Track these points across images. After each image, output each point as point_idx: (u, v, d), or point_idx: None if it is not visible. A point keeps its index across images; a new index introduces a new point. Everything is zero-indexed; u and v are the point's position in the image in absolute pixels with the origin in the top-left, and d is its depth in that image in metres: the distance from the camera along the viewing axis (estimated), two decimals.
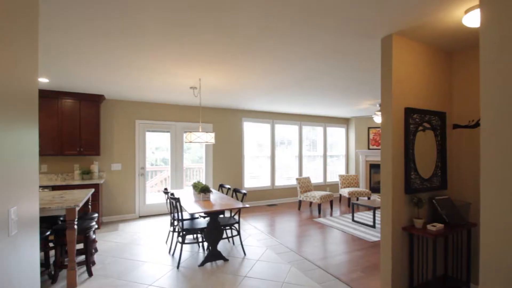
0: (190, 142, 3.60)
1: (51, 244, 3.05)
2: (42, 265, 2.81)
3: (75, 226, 2.68)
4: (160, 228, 4.86)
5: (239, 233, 3.49)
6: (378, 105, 5.89)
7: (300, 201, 6.35)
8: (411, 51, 2.36)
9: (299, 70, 3.46)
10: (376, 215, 4.83)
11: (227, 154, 6.72)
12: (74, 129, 4.93)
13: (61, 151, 4.84)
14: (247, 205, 3.15)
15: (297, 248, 3.78)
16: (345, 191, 6.74)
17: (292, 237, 4.32)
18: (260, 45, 2.68)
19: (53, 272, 2.76)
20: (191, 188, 4.86)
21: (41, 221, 3.20)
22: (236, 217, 4.26)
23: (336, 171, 8.46)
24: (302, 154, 7.79)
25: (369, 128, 8.11)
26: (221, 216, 3.91)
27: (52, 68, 3.45)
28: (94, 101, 5.05)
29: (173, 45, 2.68)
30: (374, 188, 8.04)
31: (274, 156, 7.33)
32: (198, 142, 3.62)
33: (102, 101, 5.29)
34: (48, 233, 2.74)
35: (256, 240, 4.09)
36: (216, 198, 3.66)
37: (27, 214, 1.16)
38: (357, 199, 7.04)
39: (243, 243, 3.95)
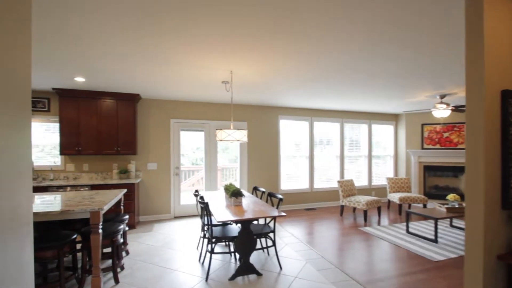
0: (221, 140, 3.31)
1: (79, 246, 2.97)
2: (69, 268, 2.73)
3: (100, 230, 2.54)
4: (193, 230, 4.68)
5: (274, 244, 3.09)
6: (438, 97, 5.03)
7: (342, 206, 5.75)
8: (509, 12, 1.73)
9: (345, 53, 2.95)
10: (438, 227, 4.08)
11: (263, 154, 6.36)
12: (112, 128, 4.97)
13: (100, 150, 4.92)
14: (283, 213, 2.75)
15: (341, 264, 3.27)
16: (395, 197, 5.95)
17: (335, 248, 3.80)
18: (301, 22, 2.24)
19: (80, 277, 2.65)
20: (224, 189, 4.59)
21: (74, 222, 3.17)
22: (271, 224, 3.88)
23: (382, 173, 7.61)
24: (343, 154, 7.12)
25: (423, 124, 7.13)
26: (255, 222, 3.56)
27: (88, 67, 3.44)
28: (130, 100, 5.06)
29: (200, 31, 2.38)
30: (430, 194, 7.05)
31: (312, 156, 6.79)
32: (229, 141, 3.31)
33: (138, 100, 5.29)
34: (75, 236, 2.63)
35: (293, 251, 3.66)
36: (249, 203, 3.31)
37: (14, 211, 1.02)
38: (409, 206, 6.18)
39: (279, 253, 3.55)
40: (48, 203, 2.73)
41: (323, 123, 6.95)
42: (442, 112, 5.10)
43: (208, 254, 3.41)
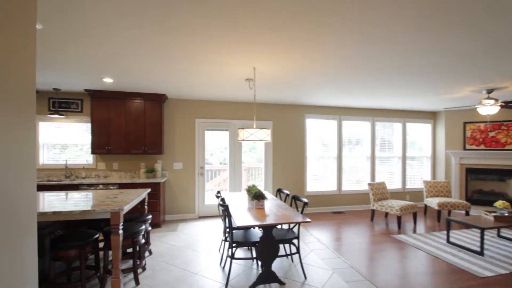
0: (243, 140, 3.18)
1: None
2: (92, 267, 2.77)
3: (120, 231, 2.53)
4: (216, 231, 4.62)
5: (298, 251, 2.90)
6: (484, 91, 4.49)
7: (373, 211, 5.37)
8: None
9: (380, 39, 2.68)
10: (484, 237, 3.63)
11: (288, 155, 6.16)
12: (140, 128, 5.07)
13: (128, 150, 5.03)
14: (308, 220, 2.55)
15: (372, 276, 2.99)
16: (433, 202, 5.45)
17: (365, 258, 3.51)
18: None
19: (102, 277, 2.67)
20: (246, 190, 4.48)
21: (99, 220, 3.22)
22: (296, 229, 3.66)
23: (418, 175, 7.04)
24: (374, 154, 6.68)
25: (465, 123, 6.48)
26: (278, 227, 3.39)
27: (115, 67, 3.50)
28: (157, 100, 5.13)
29: (222, 25, 2.27)
30: (473, 199, 6.39)
31: (341, 156, 6.45)
32: (251, 140, 3.17)
33: (164, 100, 5.36)
34: (97, 235, 2.65)
35: (319, 259, 3.44)
36: (272, 207, 3.15)
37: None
38: (449, 213, 5.63)
39: (304, 261, 3.35)
40: (73, 201, 2.79)
41: (352, 122, 6.58)
42: (489, 109, 4.55)
43: (229, 259, 3.31)
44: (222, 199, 3.05)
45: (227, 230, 2.90)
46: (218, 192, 3.57)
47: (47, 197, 3.04)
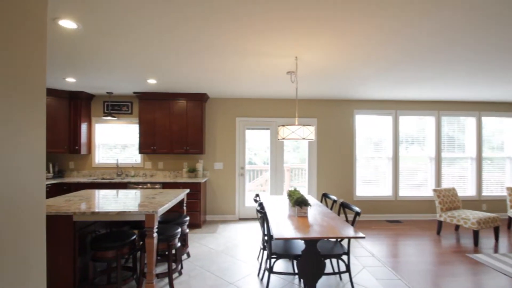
0: (283, 139, 2.86)
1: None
2: (129, 269, 2.73)
3: (155, 234, 2.42)
4: (256, 236, 4.38)
5: (348, 269, 2.47)
6: None
7: (440, 222, 4.57)
8: None
9: (449, 22, 2.12)
10: None
11: (335, 154, 5.63)
12: (182, 128, 5.10)
13: (171, 149, 5.10)
14: (361, 235, 2.12)
15: None
16: None
17: (431, 281, 2.90)
18: None
19: (139, 279, 2.61)
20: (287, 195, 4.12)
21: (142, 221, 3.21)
22: (345, 243, 3.17)
23: (497, 180, 5.86)
24: (440, 155, 5.74)
25: None
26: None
27: (159, 68, 3.51)
28: (198, 100, 5.11)
29: (262, 9, 2.00)
30: None
31: (397, 157, 5.68)
32: (293, 139, 2.83)
33: (206, 100, 5.32)
34: (134, 237, 2.60)
35: (373, 278, 2.93)
36: (316, 215, 2.77)
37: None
38: None
39: (355, 280, 2.88)
40: (115, 201, 2.80)
41: (411, 117, 5.75)
42: None
43: (267, 271, 3.02)
44: (260, 204, 2.77)
45: (266, 238, 2.61)
46: (257, 195, 3.31)
47: (95, 195, 3.13)
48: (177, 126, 5.10)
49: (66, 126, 5.01)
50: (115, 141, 5.56)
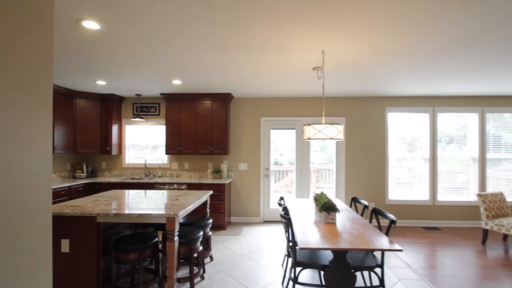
0: (309, 139, 2.69)
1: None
2: (151, 271, 2.73)
3: (176, 238, 2.38)
4: (281, 240, 4.23)
5: (382, 284, 2.25)
6: None
7: (485, 231, 4.10)
8: None
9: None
10: None
11: (365, 154, 5.31)
12: (207, 129, 5.10)
13: (196, 150, 5.12)
14: (398, 247, 1.89)
15: None
16: None
17: None
18: None
19: (160, 282, 2.59)
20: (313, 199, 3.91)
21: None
22: (378, 255, 2.87)
23: None
24: (485, 155, 5.19)
25: None
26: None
27: (183, 68, 3.51)
28: (223, 100, 5.07)
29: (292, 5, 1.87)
30: None
31: (435, 158, 5.22)
32: (319, 139, 2.65)
33: (230, 99, 5.27)
34: (156, 239, 2.59)
35: None
36: (345, 221, 2.57)
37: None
38: None
39: None
40: (139, 202, 2.81)
41: (450, 114, 5.26)
42: None
43: (291, 281, 2.86)
44: (284, 208, 2.63)
45: (290, 245, 2.47)
46: (281, 198, 3.17)
47: (121, 195, 3.19)
48: (202, 126, 5.11)
49: (98, 127, 5.22)
50: (143, 142, 5.71)
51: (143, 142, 5.70)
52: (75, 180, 4.83)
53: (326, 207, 2.49)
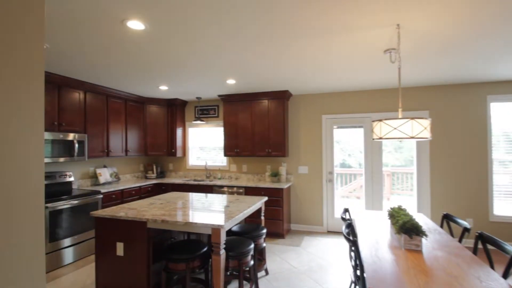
0: (380, 138, 2.11)
1: None
2: (201, 282, 2.56)
3: (222, 251, 2.15)
4: (348, 256, 3.66)
5: None
6: None
7: None
8: None
9: None
10: None
11: (457, 156, 4.25)
12: (264, 129, 4.86)
13: (254, 152, 4.92)
14: None
15: None
16: None
17: None
18: None
19: None
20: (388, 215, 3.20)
21: None
22: None
23: None
24: None
25: None
26: None
27: (237, 68, 3.36)
28: (280, 98, 4.75)
29: None
30: None
31: None
32: (396, 138, 2.06)
33: (288, 97, 4.92)
34: (205, 248, 2.41)
35: None
36: (436, 250, 1.91)
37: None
38: None
39: None
40: (191, 207, 2.71)
41: None
42: None
43: None
44: (349, 225, 2.13)
45: (357, 271, 1.97)
46: (345, 211, 2.65)
47: (177, 199, 3.17)
48: (259, 127, 4.88)
49: (165, 131, 5.52)
50: (204, 144, 5.82)
51: (204, 144, 5.82)
52: (146, 180, 5.18)
53: (407, 228, 1.90)
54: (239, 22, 2.14)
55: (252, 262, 2.49)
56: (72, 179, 4.05)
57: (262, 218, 3.33)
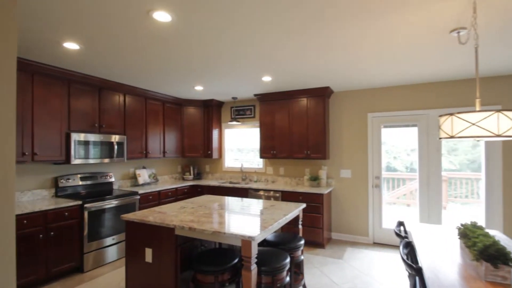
0: (451, 137, 1.67)
1: None
2: None
3: (253, 266, 1.91)
4: (400, 275, 3.16)
5: None
6: None
7: None
8: None
9: None
10: None
11: None
12: (302, 130, 4.54)
13: (291, 154, 4.63)
14: None
15: None
16: None
17: None
18: None
19: None
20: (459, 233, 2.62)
21: None
22: None
23: None
24: None
25: None
26: None
27: (273, 63, 3.14)
28: (320, 96, 4.39)
29: None
30: None
31: None
32: (475, 137, 1.61)
33: (329, 95, 4.53)
34: (236, 260, 2.19)
35: None
36: None
37: None
38: None
39: None
40: (221, 214, 2.53)
41: None
42: None
43: None
44: (407, 245, 1.73)
45: None
46: (400, 224, 2.22)
47: (209, 203, 3.03)
48: (297, 127, 4.57)
49: (201, 132, 5.50)
50: (240, 145, 5.68)
51: (240, 145, 5.67)
52: (183, 182, 5.19)
53: (490, 255, 1.45)
54: (281, 4, 1.88)
55: (288, 279, 2.21)
56: (112, 179, 4.17)
57: (300, 227, 3.01)
